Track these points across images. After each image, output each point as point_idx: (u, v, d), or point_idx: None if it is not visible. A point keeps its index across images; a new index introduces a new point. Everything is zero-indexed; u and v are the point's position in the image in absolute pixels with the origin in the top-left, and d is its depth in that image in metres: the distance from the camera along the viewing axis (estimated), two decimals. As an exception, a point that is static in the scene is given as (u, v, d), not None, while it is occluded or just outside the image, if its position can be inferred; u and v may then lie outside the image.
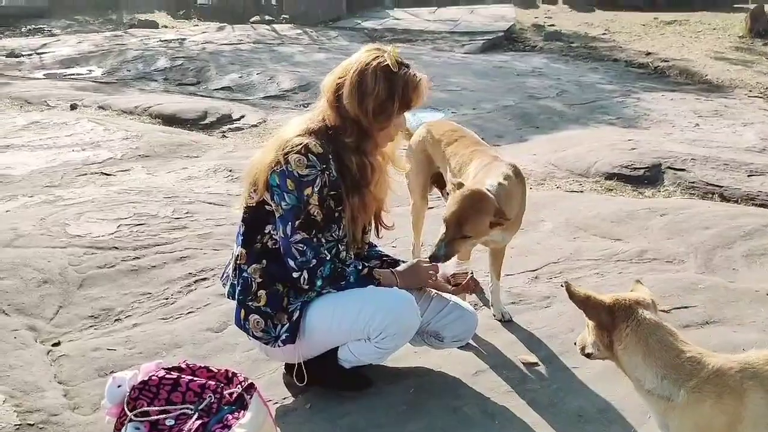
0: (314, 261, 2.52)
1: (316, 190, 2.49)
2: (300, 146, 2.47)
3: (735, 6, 14.32)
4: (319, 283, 2.55)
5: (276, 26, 14.23)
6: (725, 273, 3.85)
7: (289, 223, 2.51)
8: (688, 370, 1.82)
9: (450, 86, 9.15)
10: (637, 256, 4.04)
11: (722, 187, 5.36)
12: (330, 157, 2.51)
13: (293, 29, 13.86)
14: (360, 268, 2.63)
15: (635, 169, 5.72)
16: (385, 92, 2.50)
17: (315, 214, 2.51)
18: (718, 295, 3.52)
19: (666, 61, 10.51)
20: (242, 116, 7.71)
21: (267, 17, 14.98)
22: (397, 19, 14.93)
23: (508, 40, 12.82)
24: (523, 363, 3.02)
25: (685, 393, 1.80)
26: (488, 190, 2.89)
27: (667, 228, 4.43)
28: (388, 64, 2.51)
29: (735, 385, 1.76)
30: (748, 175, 5.54)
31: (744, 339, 3.14)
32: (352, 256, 2.74)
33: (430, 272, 2.77)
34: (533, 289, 3.71)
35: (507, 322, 3.37)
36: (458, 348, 3.01)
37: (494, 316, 3.42)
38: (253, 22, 14.63)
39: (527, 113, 7.93)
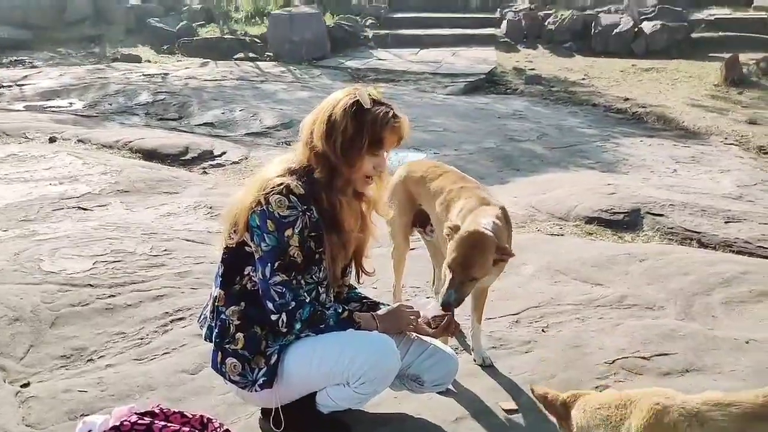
0: (293, 303, 2.48)
1: (296, 231, 2.46)
2: (281, 187, 2.45)
3: (710, 55, 14.59)
4: (297, 326, 2.51)
5: (260, 63, 14.28)
6: (705, 320, 3.86)
7: (269, 265, 2.47)
8: None
9: (432, 127, 9.21)
10: (618, 302, 4.04)
11: (700, 233, 5.40)
12: (311, 198, 2.49)
13: (277, 67, 13.93)
14: (340, 311, 2.59)
15: (615, 213, 5.76)
16: (353, 127, 2.48)
17: (295, 255, 2.48)
18: (698, 343, 3.52)
19: (644, 107, 10.66)
20: (224, 152, 7.67)
21: (251, 54, 15.05)
22: (381, 59, 15.07)
23: (490, 83, 12.95)
24: (503, 409, 2.98)
25: None
26: (486, 228, 2.90)
27: (647, 273, 4.44)
28: (358, 101, 2.50)
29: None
30: (726, 222, 5.59)
31: (724, 387, 3.12)
32: (332, 299, 2.70)
33: (411, 317, 2.74)
34: (514, 333, 3.69)
35: (488, 367, 3.34)
36: (438, 393, 2.97)
37: (475, 361, 3.39)
38: (237, 59, 14.68)
39: (508, 155, 7.99)
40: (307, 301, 2.52)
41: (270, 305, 2.49)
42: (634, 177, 7.16)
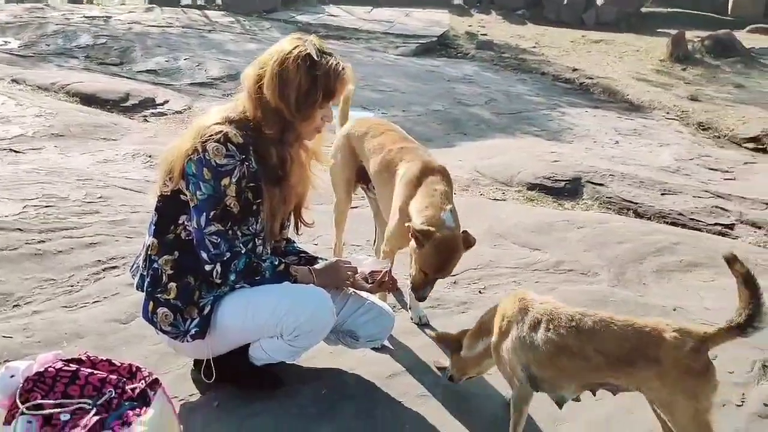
0: (228, 254, 2.43)
1: (233, 180, 2.40)
2: (219, 134, 2.38)
3: (658, 30, 14.85)
4: (232, 277, 2.46)
5: (208, 12, 13.91)
6: (636, 287, 3.96)
7: (204, 214, 2.41)
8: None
9: (382, 87, 9.15)
10: (554, 267, 4.11)
11: (637, 203, 5.52)
12: (250, 148, 2.43)
13: (226, 17, 13.58)
14: (276, 263, 2.55)
15: (557, 181, 5.84)
16: (307, 82, 2.42)
17: (232, 205, 2.42)
18: (628, 309, 3.61)
19: (591, 78, 10.80)
20: (166, 101, 7.47)
21: (200, 2, 14.63)
22: (333, 15, 14.84)
23: (441, 46, 12.92)
24: (437, 367, 3.01)
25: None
26: (449, 225, 2.92)
27: (584, 240, 4.53)
28: (309, 53, 2.43)
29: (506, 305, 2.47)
30: (662, 194, 5.73)
31: (650, 352, 3.23)
32: (269, 251, 2.67)
33: (349, 272, 2.72)
34: (451, 294, 3.72)
35: (424, 326, 3.36)
36: (373, 350, 2.98)
37: (412, 319, 3.40)
38: (184, 6, 14.26)
39: (456, 119, 8.00)
40: (243, 252, 2.47)
41: (204, 255, 2.44)
42: (577, 146, 7.27)
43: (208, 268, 2.45)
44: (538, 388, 2.42)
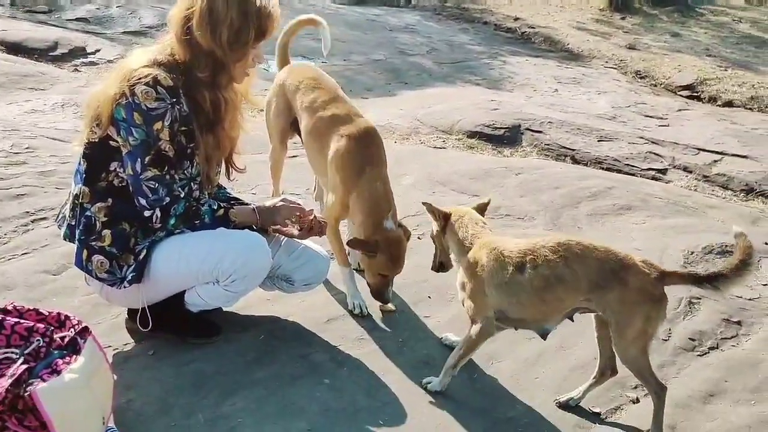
0: (167, 199, 2.38)
1: (166, 124, 2.33)
2: (148, 78, 2.30)
3: (599, -21, 14.96)
4: (172, 221, 2.41)
5: (141, -42, 13.37)
6: (570, 230, 4.05)
7: (139, 160, 2.34)
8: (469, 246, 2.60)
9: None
10: (492, 212, 4.14)
11: (574, 150, 5.62)
12: (180, 91, 2.36)
13: (160, -37, 13.09)
14: (215, 207, 2.50)
15: (496, 128, 5.88)
16: (239, 20, 2.35)
17: (166, 149, 2.36)
18: (563, 251, 3.69)
19: (532, 27, 10.83)
20: (98, 50, 7.20)
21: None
22: (272, -38, 14.47)
23: (383, -6, 12.76)
24: (381, 310, 3.04)
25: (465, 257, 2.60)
26: (390, 229, 2.98)
27: (521, 186, 4.60)
28: None
29: (480, 254, 2.52)
30: (598, 141, 5.84)
31: (582, 292, 3.32)
32: (206, 196, 2.62)
33: (296, 212, 2.65)
34: (391, 240, 3.73)
35: (361, 271, 3.37)
36: (310, 293, 2.98)
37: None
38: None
39: (397, 68, 7.95)
40: (182, 196, 2.41)
41: (143, 201, 2.38)
42: (517, 95, 7.32)
43: (147, 213, 2.39)
44: (505, 329, 2.56)
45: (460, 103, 6.48)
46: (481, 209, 2.82)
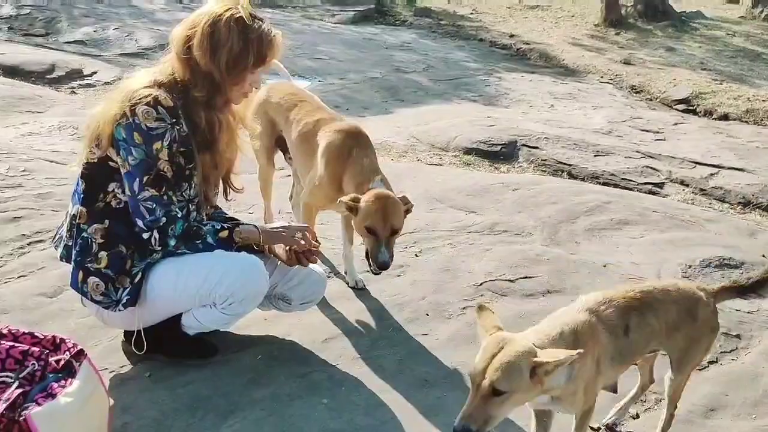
0: (164, 219, 2.36)
1: (165, 144, 2.33)
2: (148, 98, 2.31)
3: (593, -4, 15.08)
4: (171, 242, 2.39)
5: (138, -20, 13.47)
6: (568, 246, 4.04)
7: (137, 179, 2.34)
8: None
9: (319, 55, 9.05)
10: (489, 228, 4.16)
11: (571, 165, 5.63)
12: (180, 111, 2.37)
13: (156, -15, 13.19)
14: (218, 228, 2.49)
15: (493, 145, 5.90)
16: (239, 45, 2.37)
17: (165, 170, 2.36)
18: (560, 267, 3.69)
19: (528, 43, 10.90)
20: (94, 72, 7.23)
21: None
22: (268, -17, 14.55)
23: (379, 13, 12.84)
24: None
25: None
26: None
27: (519, 202, 4.59)
28: (242, 16, 2.39)
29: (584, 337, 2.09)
30: (595, 155, 5.85)
31: (581, 307, 3.31)
32: (204, 217, 2.62)
33: (299, 235, 2.62)
34: (388, 258, 3.72)
35: (360, 290, 3.37)
36: (308, 312, 2.98)
37: (348, 283, 3.41)
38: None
39: (393, 86, 7.98)
40: (180, 216, 2.40)
41: (140, 223, 2.37)
42: (513, 111, 7.34)
43: (145, 236, 2.38)
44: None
45: (457, 119, 6.50)
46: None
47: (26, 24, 9.10)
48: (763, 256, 4.04)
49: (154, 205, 2.36)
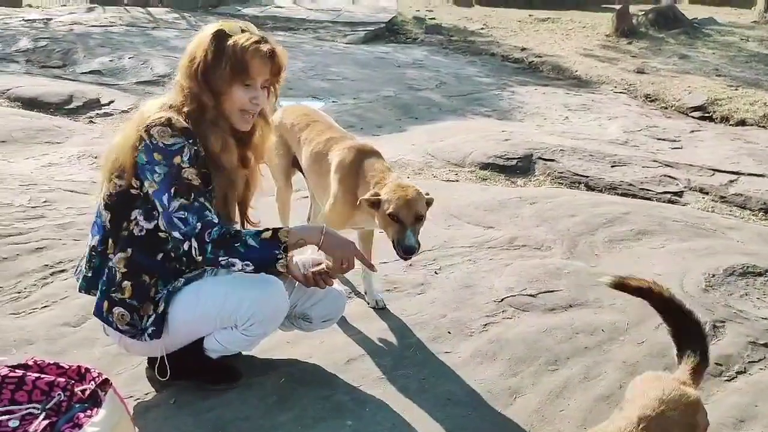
0: (199, 225, 2.31)
1: (185, 158, 2.33)
2: (161, 119, 2.34)
3: (603, 6, 15.08)
4: (209, 248, 2.31)
5: (152, 9, 13.67)
6: (588, 258, 4.02)
7: (166, 194, 2.33)
8: None
9: (331, 75, 9.11)
10: (508, 243, 4.15)
11: (588, 177, 5.60)
12: (193, 132, 2.39)
13: (170, 13, 13.37)
14: (261, 230, 2.39)
15: (508, 159, 5.89)
16: (213, 54, 2.38)
17: (191, 178, 2.34)
18: (581, 280, 3.67)
19: (539, 56, 10.90)
20: (112, 101, 7.33)
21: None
22: (279, 6, 14.73)
23: (390, 32, 12.91)
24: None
25: None
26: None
27: (537, 216, 4.58)
28: (222, 29, 2.41)
29: None
30: (612, 166, 5.82)
31: (604, 320, 3.29)
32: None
33: (354, 254, 2.54)
34: (408, 276, 3.73)
35: (381, 310, 3.37)
36: (329, 334, 2.98)
37: (368, 303, 3.41)
38: (127, 4, 13.99)
39: (407, 104, 8.01)
40: (216, 221, 2.35)
41: (177, 235, 2.34)
42: (527, 124, 7.34)
43: (185, 247, 2.34)
44: None
45: (471, 135, 6.50)
46: None
47: (43, 56, 9.26)
48: (787, 262, 3.99)
49: (186, 214, 2.33)
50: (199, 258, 2.34)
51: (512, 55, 11.14)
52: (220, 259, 2.34)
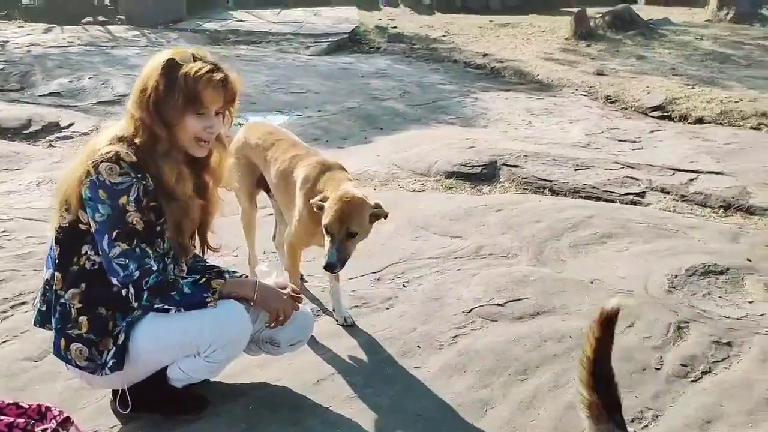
0: (137, 273, 2.32)
1: (131, 199, 2.31)
2: (110, 154, 2.30)
3: (561, 9, 15.25)
4: (145, 296, 2.34)
5: (111, 27, 13.49)
6: (554, 264, 4.05)
7: (106, 236, 2.31)
8: None
9: (295, 88, 9.08)
10: (474, 253, 4.16)
11: (552, 181, 5.65)
12: (144, 165, 2.35)
13: (130, 31, 13.21)
14: (197, 278, 2.45)
15: (473, 167, 5.92)
16: (165, 84, 2.34)
17: (134, 222, 2.32)
18: (548, 287, 3.70)
19: (501, 61, 10.98)
20: (72, 124, 7.20)
21: (101, 18, 14.18)
22: (241, 20, 14.65)
23: (353, 42, 12.91)
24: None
25: None
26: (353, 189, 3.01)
27: (502, 223, 4.60)
28: (172, 58, 2.37)
29: None
30: (575, 170, 5.88)
31: (571, 326, 3.32)
32: (185, 268, 2.60)
33: (288, 305, 2.57)
34: (376, 290, 3.73)
35: (350, 327, 3.36)
36: (298, 354, 2.95)
37: (337, 321, 3.40)
38: (85, 23, 13.80)
39: (371, 114, 8.01)
40: (154, 269, 2.36)
41: (115, 280, 2.34)
42: (491, 130, 7.38)
43: (124, 293, 2.35)
44: None
45: (436, 144, 6.52)
46: None
47: (0, 80, 9.09)
48: (748, 260, 4.06)
49: (127, 261, 2.32)
50: (135, 304, 2.37)
51: (474, 61, 11.21)
52: (156, 306, 2.37)
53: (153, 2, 14.13)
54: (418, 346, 3.20)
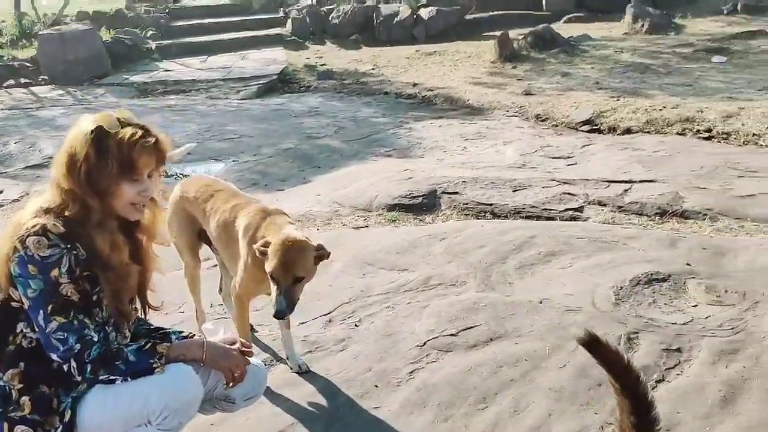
0: (78, 346, 2.23)
1: (63, 270, 2.22)
2: (36, 227, 2.22)
3: (484, 34, 15.60)
4: (88, 368, 2.25)
5: (34, 89, 13.21)
6: (502, 288, 4.09)
7: (41, 312, 2.21)
8: None
9: (228, 134, 9.02)
10: (423, 284, 4.17)
11: (492, 204, 5.72)
12: (75, 235, 2.28)
13: (54, 90, 12.97)
14: (142, 344, 2.40)
15: (414, 197, 5.95)
16: (96, 155, 2.27)
17: (69, 294, 2.23)
18: (498, 311, 3.72)
19: (431, 89, 11.15)
20: (0, 191, 7.00)
21: (23, 80, 13.87)
22: (168, 70, 14.52)
23: (283, 83, 12.93)
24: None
25: None
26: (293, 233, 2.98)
27: (447, 251, 4.63)
28: (100, 126, 2.30)
29: None
30: (513, 191, 5.97)
31: (525, 349, 3.35)
32: (127, 336, 2.52)
33: (238, 364, 2.48)
34: (328, 333, 3.69)
35: (305, 373, 3.32)
36: (254, 408, 2.89)
37: (291, 369, 3.35)
38: (7, 87, 13.48)
39: (307, 154, 8.01)
40: (96, 340, 2.28)
41: (55, 356, 2.25)
42: (428, 159, 7.46)
43: (65, 368, 2.27)
44: None
45: (375, 177, 6.54)
46: None
47: None
48: (687, 264, 4.17)
49: (65, 334, 2.23)
50: (79, 378, 2.28)
51: (405, 91, 11.35)
52: (100, 377, 2.29)
53: (75, 59, 13.90)
54: (376, 386, 3.17)
